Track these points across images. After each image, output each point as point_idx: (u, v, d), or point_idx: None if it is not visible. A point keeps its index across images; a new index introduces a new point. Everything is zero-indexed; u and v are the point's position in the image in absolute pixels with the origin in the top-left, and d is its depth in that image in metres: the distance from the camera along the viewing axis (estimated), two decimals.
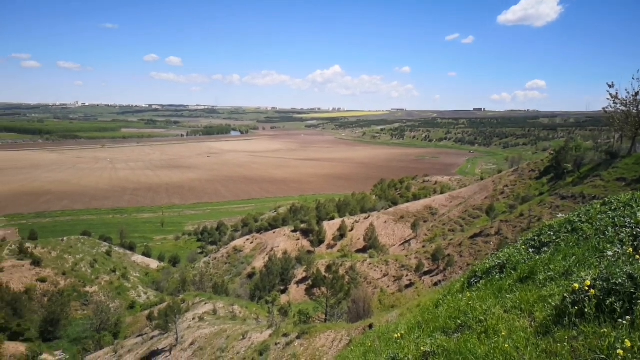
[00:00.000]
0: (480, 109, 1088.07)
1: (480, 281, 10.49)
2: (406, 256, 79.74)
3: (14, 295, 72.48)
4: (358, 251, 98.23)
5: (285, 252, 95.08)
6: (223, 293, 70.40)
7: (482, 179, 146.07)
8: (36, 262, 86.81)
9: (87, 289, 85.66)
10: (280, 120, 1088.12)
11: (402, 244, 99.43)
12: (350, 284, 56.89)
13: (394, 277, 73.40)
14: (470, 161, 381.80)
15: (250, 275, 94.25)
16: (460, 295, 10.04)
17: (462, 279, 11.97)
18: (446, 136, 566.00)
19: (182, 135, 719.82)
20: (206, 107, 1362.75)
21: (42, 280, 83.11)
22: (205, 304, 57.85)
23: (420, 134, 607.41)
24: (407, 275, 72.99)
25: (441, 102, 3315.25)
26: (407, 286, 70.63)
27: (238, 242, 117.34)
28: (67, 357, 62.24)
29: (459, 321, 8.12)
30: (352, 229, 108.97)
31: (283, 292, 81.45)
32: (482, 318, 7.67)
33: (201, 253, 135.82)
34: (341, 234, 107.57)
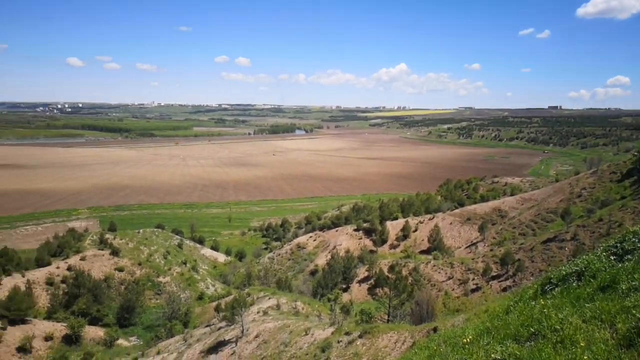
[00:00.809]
0: (556, 106, 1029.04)
1: (556, 288, 9.99)
2: (472, 259, 77.21)
3: (94, 282, 78.02)
4: (422, 252, 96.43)
5: (347, 251, 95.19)
6: (286, 289, 71.68)
7: (557, 180, 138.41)
8: (115, 252, 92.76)
9: (160, 279, 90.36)
10: (345, 119, 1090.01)
11: (468, 246, 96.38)
12: (414, 285, 55.99)
13: (459, 280, 71.35)
14: (544, 162, 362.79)
15: (313, 272, 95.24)
16: (533, 303, 9.61)
17: (535, 286, 11.45)
18: (518, 135, 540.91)
19: (249, 134, 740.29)
20: (272, 106, 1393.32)
21: (120, 269, 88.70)
22: (269, 298, 59.21)
23: (489, 133, 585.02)
24: (473, 279, 70.68)
25: (513, 100, 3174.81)
26: (473, 290, 68.41)
27: (301, 239, 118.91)
28: (141, 343, 66.05)
29: (532, 329, 7.78)
30: (415, 230, 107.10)
31: (345, 290, 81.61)
32: (557, 327, 7.31)
33: (266, 249, 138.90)
34: (404, 234, 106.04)
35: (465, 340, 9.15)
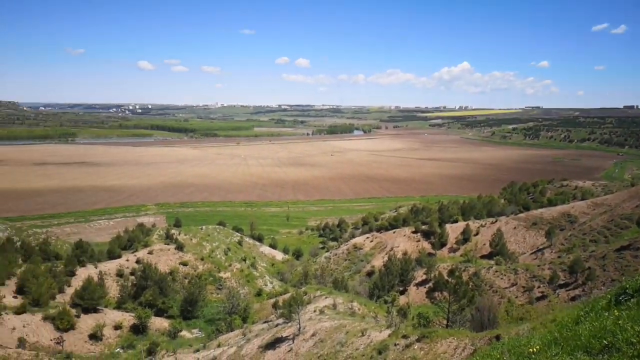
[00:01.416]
0: (633, 106, 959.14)
1: (632, 299, 9.37)
2: (538, 266, 73.70)
3: (160, 275, 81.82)
4: (483, 257, 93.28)
5: (405, 253, 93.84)
6: (342, 289, 71.75)
7: (632, 185, 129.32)
8: (179, 247, 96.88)
9: (221, 274, 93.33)
10: (403, 119, 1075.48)
11: (534, 252, 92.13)
12: (474, 290, 54.29)
13: (523, 287, 68.35)
14: (618, 165, 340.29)
15: (370, 274, 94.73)
16: (606, 314, 9.07)
17: (608, 296, 10.79)
18: (589, 136, 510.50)
19: (307, 134, 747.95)
20: (331, 107, 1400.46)
21: (184, 263, 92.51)
22: (326, 298, 59.53)
23: (558, 134, 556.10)
24: (538, 287, 67.46)
25: (585, 99, 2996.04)
26: (538, 298, 65.29)
27: (358, 240, 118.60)
28: (203, 335, 68.51)
29: (604, 341, 7.35)
30: (476, 233, 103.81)
31: (402, 293, 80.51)
32: (634, 340, 6.87)
33: (322, 248, 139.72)
34: (465, 237, 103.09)
35: (531, 350, 8.79)
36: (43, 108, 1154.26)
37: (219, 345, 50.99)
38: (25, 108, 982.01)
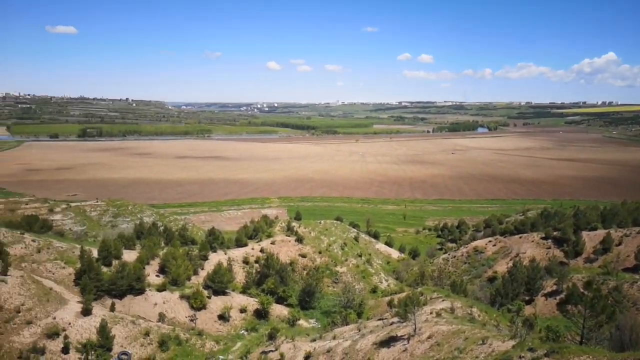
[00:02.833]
0: None
1: None
2: None
3: (281, 265, 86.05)
4: (625, 270, 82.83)
5: (532, 260, 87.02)
6: (461, 293, 68.92)
7: None
8: (299, 240, 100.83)
9: (337, 268, 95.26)
10: (535, 116, 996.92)
11: None
12: (615, 306, 48.51)
13: None
14: None
15: (491, 279, 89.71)
16: None
17: None
18: None
19: (428, 132, 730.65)
20: (454, 103, 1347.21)
21: (303, 255, 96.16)
22: (443, 300, 57.67)
23: None
24: None
25: None
26: None
27: (479, 243, 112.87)
28: (319, 326, 70.62)
29: None
30: (619, 243, 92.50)
31: (528, 302, 74.87)
32: None
33: (440, 249, 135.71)
34: (604, 247, 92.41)
35: None
36: (185, 107, 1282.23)
37: (334, 338, 52.14)
38: (170, 107, 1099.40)
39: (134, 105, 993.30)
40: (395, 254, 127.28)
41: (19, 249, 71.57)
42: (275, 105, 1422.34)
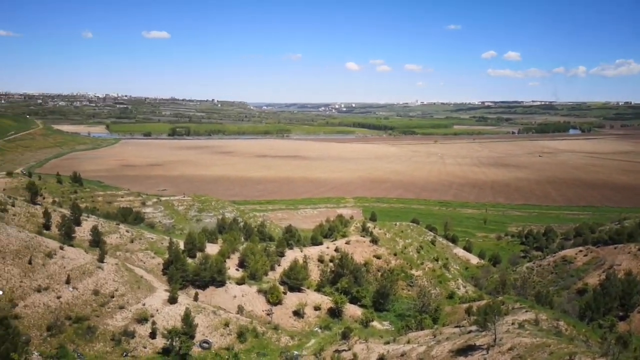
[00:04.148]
0: None
1: None
2: None
3: (355, 265, 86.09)
4: None
5: (628, 273, 79.91)
6: (546, 304, 64.91)
7: None
8: (374, 241, 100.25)
9: (413, 271, 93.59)
10: (634, 117, 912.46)
11: None
12: None
13: None
14: None
15: (580, 292, 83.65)
16: None
17: None
18: None
19: (512, 133, 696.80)
20: (542, 103, 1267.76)
21: (378, 257, 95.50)
22: (526, 311, 54.71)
23: None
24: None
25: None
26: None
27: (568, 252, 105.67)
28: (393, 329, 69.80)
29: None
30: None
31: (622, 318, 68.86)
32: None
33: (524, 257, 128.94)
34: None
35: None
36: (266, 107, 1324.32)
37: (408, 342, 51.32)
38: (252, 107, 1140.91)
39: (219, 105, 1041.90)
40: (474, 259, 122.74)
41: (115, 238, 77.82)
42: (353, 105, 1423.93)
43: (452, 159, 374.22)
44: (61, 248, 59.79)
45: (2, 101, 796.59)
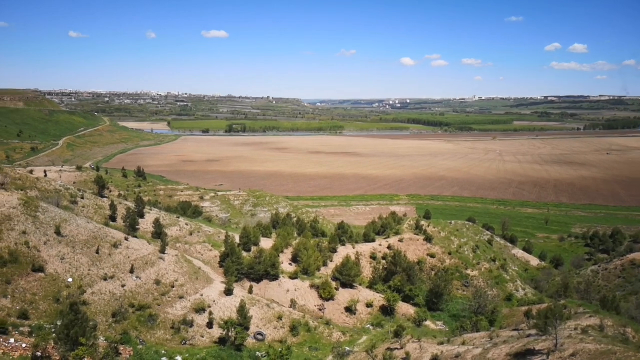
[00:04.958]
0: None
1: None
2: None
3: (408, 263, 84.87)
4: None
5: None
6: (612, 309, 61.31)
7: None
8: (428, 239, 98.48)
9: (468, 271, 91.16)
10: None
11: None
12: None
13: None
14: None
15: None
16: None
17: None
18: None
19: (577, 129, 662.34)
20: (610, 97, 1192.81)
21: (431, 255, 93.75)
22: (590, 316, 51.96)
23: None
24: None
25: None
26: None
27: (637, 256, 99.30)
28: (447, 329, 68.40)
29: None
30: None
31: None
32: None
33: (588, 259, 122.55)
34: None
35: None
36: (319, 104, 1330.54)
37: (463, 343, 50.13)
38: (305, 104, 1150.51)
39: (274, 102, 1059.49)
40: (534, 261, 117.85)
41: (175, 230, 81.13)
42: (407, 101, 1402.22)
43: (511, 156, 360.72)
44: (126, 239, 62.98)
45: (73, 99, 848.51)
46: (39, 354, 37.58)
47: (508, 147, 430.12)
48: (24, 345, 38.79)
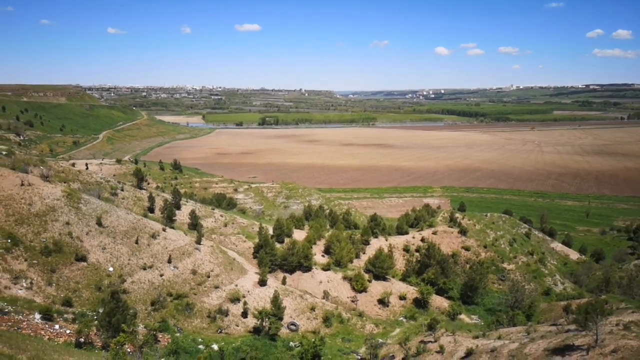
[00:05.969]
0: None
1: None
2: None
3: (443, 256, 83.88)
4: None
5: None
6: None
7: None
8: (463, 232, 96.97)
9: (505, 265, 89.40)
10: None
11: None
12: None
13: None
14: None
15: None
16: None
17: None
18: None
19: (621, 118, 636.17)
20: None
21: (466, 248, 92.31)
22: (633, 312, 50.06)
23: None
24: None
25: None
26: None
27: None
28: (482, 323, 67.38)
29: None
30: None
31: None
32: None
33: (632, 254, 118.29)
34: None
35: None
36: (352, 96, 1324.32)
37: (499, 337, 49.27)
38: (338, 96, 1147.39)
39: (306, 95, 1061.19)
40: (574, 255, 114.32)
41: (210, 222, 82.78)
42: (442, 91, 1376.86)
43: (550, 147, 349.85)
44: (164, 230, 64.75)
45: (112, 94, 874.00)
46: (82, 340, 39.23)
47: (547, 137, 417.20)
48: (67, 331, 40.53)
